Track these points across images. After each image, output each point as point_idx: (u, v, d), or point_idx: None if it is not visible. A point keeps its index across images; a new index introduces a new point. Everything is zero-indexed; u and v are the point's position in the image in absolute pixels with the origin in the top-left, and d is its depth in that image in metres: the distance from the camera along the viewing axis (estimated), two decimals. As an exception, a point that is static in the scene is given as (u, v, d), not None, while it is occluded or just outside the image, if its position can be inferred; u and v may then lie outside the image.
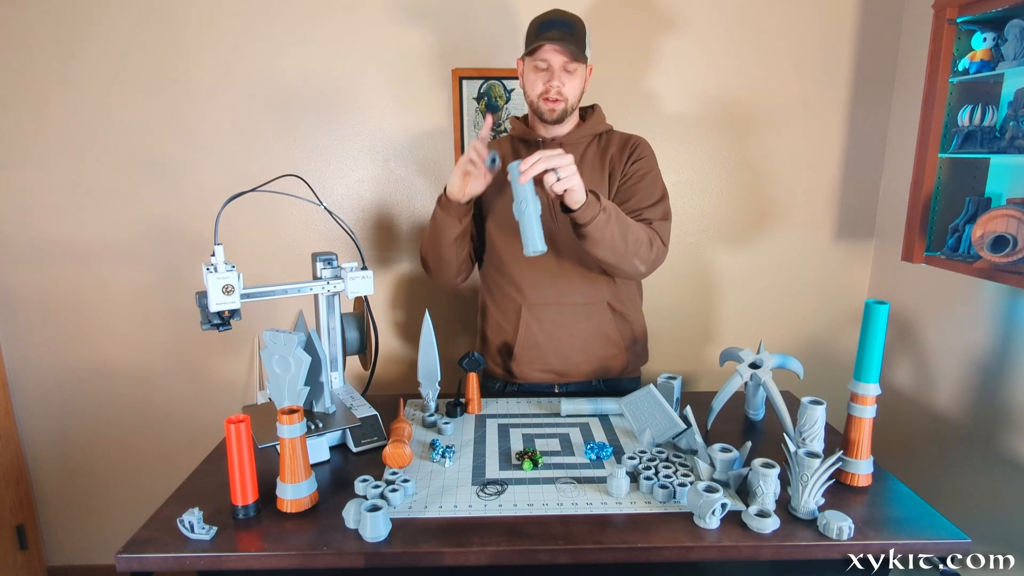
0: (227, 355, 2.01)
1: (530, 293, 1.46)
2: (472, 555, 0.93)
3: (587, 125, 1.48)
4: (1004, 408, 1.50)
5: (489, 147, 1.48)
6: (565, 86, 1.38)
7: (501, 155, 1.46)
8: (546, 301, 1.46)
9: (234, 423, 0.97)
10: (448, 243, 1.42)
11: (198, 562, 0.93)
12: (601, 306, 1.48)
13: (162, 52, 1.80)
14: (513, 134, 1.55)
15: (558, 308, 1.46)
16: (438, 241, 1.43)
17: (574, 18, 1.38)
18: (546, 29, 1.35)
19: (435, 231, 1.43)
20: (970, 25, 1.44)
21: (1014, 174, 1.46)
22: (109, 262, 1.92)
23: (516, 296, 1.48)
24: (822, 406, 1.05)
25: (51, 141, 1.83)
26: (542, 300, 1.46)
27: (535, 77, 1.40)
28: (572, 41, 1.34)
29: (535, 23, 1.39)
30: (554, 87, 1.37)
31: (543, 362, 1.49)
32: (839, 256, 2.01)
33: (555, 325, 1.47)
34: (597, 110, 1.51)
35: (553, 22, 1.36)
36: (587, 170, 1.45)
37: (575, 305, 1.46)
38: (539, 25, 1.37)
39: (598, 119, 1.50)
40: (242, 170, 1.88)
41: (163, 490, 1.17)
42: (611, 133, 1.51)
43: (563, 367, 1.49)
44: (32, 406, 2.01)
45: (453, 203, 1.37)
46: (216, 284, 1.10)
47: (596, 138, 1.50)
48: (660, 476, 1.09)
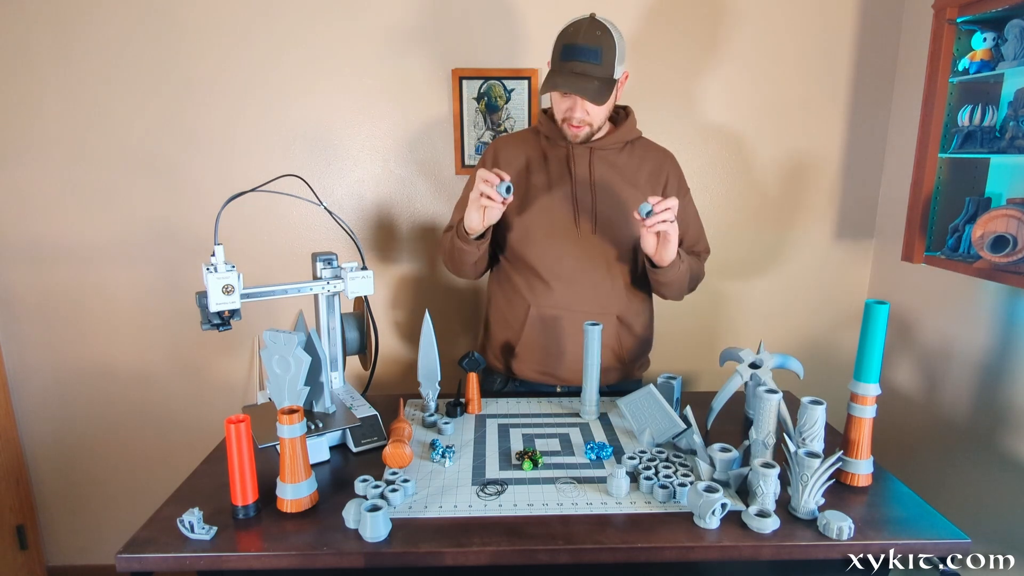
0: (227, 355, 2.01)
1: (542, 296, 1.45)
2: (472, 555, 0.93)
3: (620, 131, 1.44)
4: (1004, 408, 1.49)
5: (511, 138, 1.47)
6: (590, 113, 1.33)
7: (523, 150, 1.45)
8: (556, 306, 1.45)
9: (234, 423, 0.97)
10: (470, 265, 1.44)
11: (198, 562, 0.93)
12: (610, 318, 1.47)
13: (161, 52, 1.80)
14: (541, 129, 1.47)
15: (568, 314, 1.45)
16: (460, 263, 1.44)
17: (604, 39, 1.26)
18: (570, 57, 1.26)
19: (456, 258, 1.43)
20: (970, 25, 1.44)
21: (1014, 174, 1.46)
22: (109, 262, 1.92)
23: (528, 295, 1.46)
24: (822, 406, 1.05)
25: (50, 141, 1.83)
26: (552, 304, 1.45)
27: (559, 100, 1.35)
28: (597, 74, 1.26)
29: (560, 43, 1.29)
30: (576, 117, 1.33)
31: (543, 364, 1.49)
32: (839, 256, 2.01)
33: (561, 331, 1.46)
34: (631, 116, 1.46)
35: (578, 50, 1.26)
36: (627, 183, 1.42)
37: (584, 314, 1.45)
38: (563, 50, 1.28)
39: (631, 125, 1.45)
40: (242, 170, 1.88)
41: (163, 490, 1.17)
42: (641, 141, 1.49)
43: (561, 372, 1.49)
44: (32, 406, 2.01)
45: (472, 234, 1.35)
46: (216, 284, 1.10)
47: (628, 144, 1.46)
48: (660, 476, 1.09)
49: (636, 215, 1.24)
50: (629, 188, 1.43)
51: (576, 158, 1.42)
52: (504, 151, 1.49)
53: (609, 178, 1.42)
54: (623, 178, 1.43)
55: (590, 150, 1.42)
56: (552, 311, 1.45)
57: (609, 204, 1.42)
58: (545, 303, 1.45)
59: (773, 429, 1.08)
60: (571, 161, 1.42)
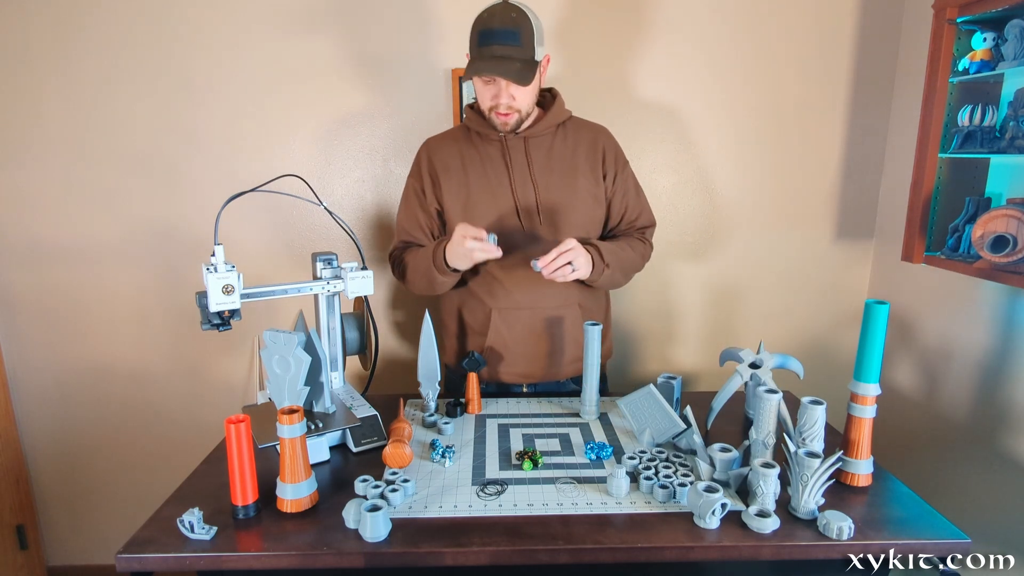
0: (227, 355, 2.01)
1: (501, 298, 1.44)
2: (472, 555, 0.93)
3: (550, 116, 1.41)
4: (1004, 408, 1.49)
5: (438, 143, 1.46)
6: (516, 98, 1.30)
7: (455, 150, 1.43)
8: (517, 306, 1.44)
9: (234, 423, 0.97)
10: (444, 289, 1.44)
11: (198, 562, 0.93)
12: (572, 308, 1.46)
13: (161, 52, 1.79)
14: (470, 125, 1.43)
15: (529, 312, 1.44)
16: (432, 289, 1.43)
17: (520, 20, 1.25)
18: (488, 42, 1.25)
19: (430, 285, 1.42)
20: (970, 25, 1.44)
21: (1014, 174, 1.46)
22: (109, 262, 1.92)
23: (487, 299, 1.45)
24: (822, 406, 1.05)
25: (50, 141, 1.83)
26: (513, 305, 1.44)
27: (483, 88, 1.32)
28: (518, 55, 1.25)
29: (477, 29, 1.27)
30: (503, 103, 1.30)
31: (511, 364, 1.48)
32: (839, 256, 2.01)
33: (525, 329, 1.45)
34: (558, 98, 1.43)
35: (495, 33, 1.24)
36: (565, 166, 1.41)
37: (546, 309, 1.44)
38: (480, 35, 1.26)
39: (559, 108, 1.43)
40: (242, 170, 1.88)
41: (163, 490, 1.17)
42: (572, 120, 1.46)
43: (530, 369, 1.48)
44: (32, 406, 2.01)
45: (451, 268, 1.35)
46: (216, 284, 1.10)
47: (559, 127, 1.44)
48: (660, 476, 1.09)
49: (532, 267, 1.28)
50: (569, 173, 1.41)
51: (511, 150, 1.39)
52: (437, 153, 1.45)
53: (548, 166, 1.40)
54: (562, 163, 1.41)
55: (524, 139, 1.40)
56: (514, 311, 1.44)
57: (552, 193, 1.40)
58: (505, 304, 1.44)
59: (773, 429, 1.08)
60: (506, 154, 1.40)
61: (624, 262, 1.42)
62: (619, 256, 1.41)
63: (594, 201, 1.44)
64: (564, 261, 1.26)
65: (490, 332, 1.45)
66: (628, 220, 1.51)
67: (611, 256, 1.38)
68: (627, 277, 1.48)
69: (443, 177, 1.42)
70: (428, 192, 1.45)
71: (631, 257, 1.45)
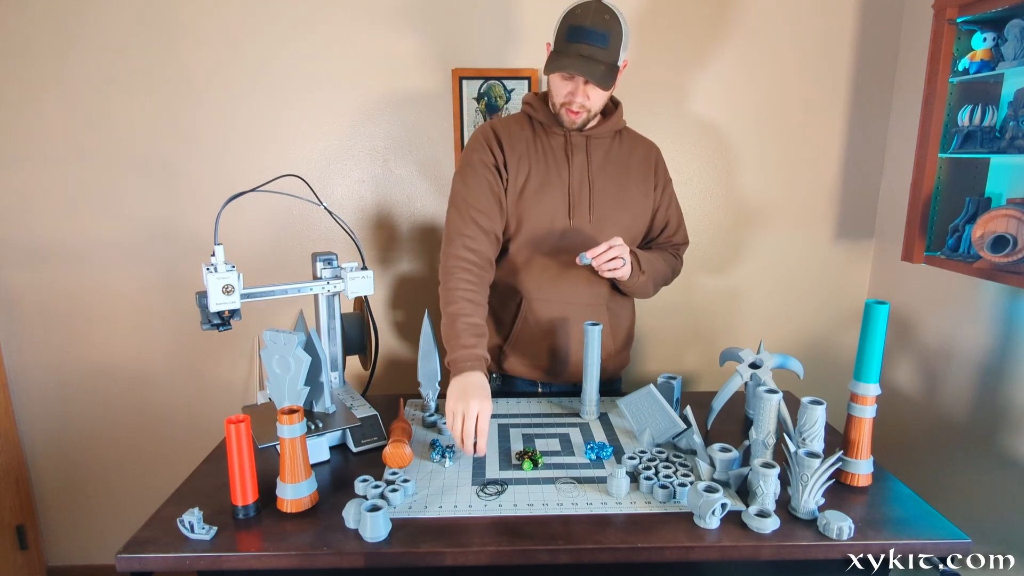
0: (227, 355, 2.01)
1: (533, 287, 1.44)
2: (472, 555, 0.93)
3: (610, 122, 1.43)
4: (1004, 408, 1.49)
5: (504, 125, 1.44)
6: (590, 99, 1.31)
7: (522, 136, 1.41)
8: (548, 298, 1.44)
9: (234, 423, 0.97)
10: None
11: (198, 562, 0.93)
12: (600, 308, 1.47)
13: (161, 52, 1.79)
14: (534, 116, 1.42)
15: (560, 306, 1.45)
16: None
17: (612, 23, 1.23)
18: (577, 39, 1.23)
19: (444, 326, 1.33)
20: (970, 25, 1.44)
21: (1014, 174, 1.46)
22: (109, 262, 1.92)
23: (521, 288, 1.45)
24: (822, 406, 1.05)
25: (50, 141, 1.83)
26: (544, 296, 1.44)
27: (560, 83, 1.32)
28: (604, 58, 1.23)
29: (567, 24, 1.25)
30: (577, 101, 1.31)
31: (535, 358, 1.48)
32: (839, 256, 2.01)
33: (554, 323, 1.46)
34: (619, 106, 1.45)
35: (586, 32, 1.22)
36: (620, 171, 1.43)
37: (577, 305, 1.45)
38: (570, 31, 1.24)
39: (619, 116, 1.45)
40: (242, 170, 1.88)
41: (163, 490, 1.17)
42: (627, 132, 1.49)
43: (552, 365, 1.48)
44: (32, 406, 2.01)
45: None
46: (216, 284, 1.10)
47: (617, 134, 1.47)
48: (660, 476, 1.09)
49: (577, 261, 1.28)
50: (623, 177, 1.43)
51: (573, 146, 1.41)
52: (504, 132, 1.42)
53: (605, 168, 1.42)
54: (617, 167, 1.43)
55: (586, 138, 1.41)
56: (545, 302, 1.44)
57: (606, 194, 1.41)
58: (537, 295, 1.44)
59: (773, 429, 1.08)
60: (568, 149, 1.40)
61: (656, 274, 1.45)
62: (654, 267, 1.43)
63: (642, 209, 1.46)
64: (614, 255, 1.27)
65: (518, 322, 1.46)
66: (667, 235, 1.53)
67: (647, 265, 1.40)
68: (656, 289, 1.50)
69: (510, 155, 1.39)
70: (498, 160, 1.39)
71: (663, 270, 1.48)
